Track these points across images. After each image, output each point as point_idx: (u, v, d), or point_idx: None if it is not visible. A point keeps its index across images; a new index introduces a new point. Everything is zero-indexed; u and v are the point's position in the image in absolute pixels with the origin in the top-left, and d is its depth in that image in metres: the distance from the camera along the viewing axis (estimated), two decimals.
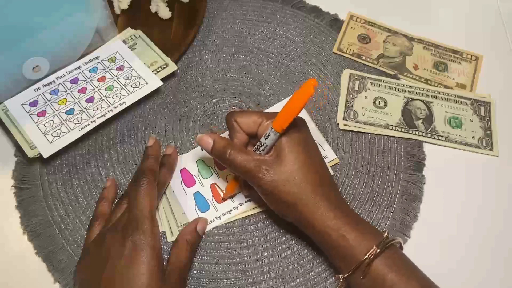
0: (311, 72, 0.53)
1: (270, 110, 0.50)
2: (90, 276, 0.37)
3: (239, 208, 0.44)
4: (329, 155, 0.47)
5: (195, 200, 0.44)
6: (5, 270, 0.42)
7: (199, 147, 0.47)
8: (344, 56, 0.54)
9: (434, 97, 0.51)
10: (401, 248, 0.38)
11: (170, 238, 0.43)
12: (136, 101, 0.48)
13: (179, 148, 0.48)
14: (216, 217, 0.44)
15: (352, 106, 0.50)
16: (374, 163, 0.47)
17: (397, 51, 0.55)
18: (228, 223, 0.44)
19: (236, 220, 0.44)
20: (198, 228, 0.42)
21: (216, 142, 0.40)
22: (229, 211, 0.44)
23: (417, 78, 0.53)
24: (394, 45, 0.55)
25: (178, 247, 0.40)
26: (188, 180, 0.45)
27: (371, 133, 0.49)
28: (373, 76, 0.53)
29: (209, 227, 0.43)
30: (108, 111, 0.47)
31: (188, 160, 0.47)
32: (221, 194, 0.45)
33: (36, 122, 0.46)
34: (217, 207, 0.44)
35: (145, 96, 0.49)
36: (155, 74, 0.50)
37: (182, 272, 0.38)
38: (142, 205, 0.38)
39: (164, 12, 0.56)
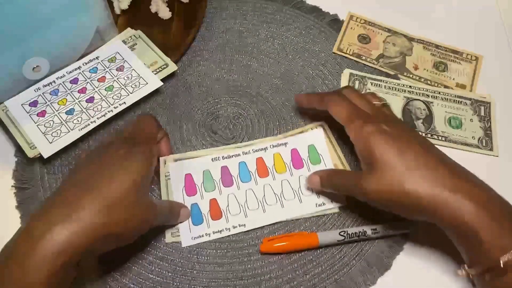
0: (311, 72, 0.53)
1: (289, 137, 0.48)
2: (78, 169, 0.38)
3: (231, 230, 0.43)
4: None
5: (191, 211, 0.44)
6: None
7: (209, 157, 0.46)
8: (344, 56, 0.54)
9: (434, 97, 0.51)
10: None
11: (169, 239, 0.43)
12: (136, 101, 0.48)
13: (180, 149, 0.48)
14: (206, 233, 0.43)
15: None
16: None
17: (397, 51, 0.55)
18: None
19: None
20: (182, 210, 0.43)
21: (322, 176, 0.43)
22: (220, 231, 0.43)
23: (417, 78, 0.53)
24: (394, 45, 0.55)
25: (161, 205, 0.41)
26: (190, 189, 0.44)
27: None
28: (373, 76, 0.53)
29: (195, 242, 0.43)
30: (108, 111, 0.47)
31: (194, 167, 0.45)
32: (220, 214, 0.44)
33: (36, 122, 0.46)
34: (210, 223, 0.43)
35: (145, 96, 0.49)
36: (155, 74, 0.50)
37: (154, 217, 0.39)
38: (148, 127, 0.42)
39: (164, 12, 0.56)
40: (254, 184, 0.45)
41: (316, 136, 0.47)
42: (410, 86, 0.52)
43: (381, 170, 0.37)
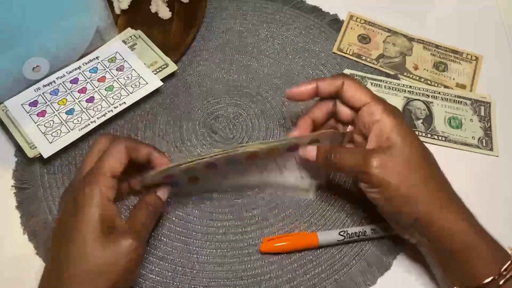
0: (311, 72, 0.53)
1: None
2: (51, 246, 0.37)
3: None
4: None
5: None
6: (5, 270, 0.42)
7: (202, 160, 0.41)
8: (344, 56, 0.54)
9: (434, 97, 0.51)
10: None
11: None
12: (136, 101, 0.48)
13: (179, 148, 0.48)
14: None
15: None
16: None
17: (397, 51, 0.55)
18: (227, 222, 0.44)
19: (236, 220, 0.44)
20: (159, 192, 0.40)
21: (320, 149, 0.40)
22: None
23: (417, 78, 0.53)
24: (394, 45, 0.55)
25: (136, 207, 0.39)
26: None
27: None
28: (373, 76, 0.53)
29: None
30: (108, 111, 0.47)
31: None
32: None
33: (36, 122, 0.46)
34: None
35: (145, 96, 0.49)
36: (155, 74, 0.50)
37: (138, 234, 0.37)
38: (103, 161, 0.37)
39: (164, 12, 0.56)
40: (237, 164, 0.42)
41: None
42: (410, 86, 0.52)
43: (396, 155, 0.36)
